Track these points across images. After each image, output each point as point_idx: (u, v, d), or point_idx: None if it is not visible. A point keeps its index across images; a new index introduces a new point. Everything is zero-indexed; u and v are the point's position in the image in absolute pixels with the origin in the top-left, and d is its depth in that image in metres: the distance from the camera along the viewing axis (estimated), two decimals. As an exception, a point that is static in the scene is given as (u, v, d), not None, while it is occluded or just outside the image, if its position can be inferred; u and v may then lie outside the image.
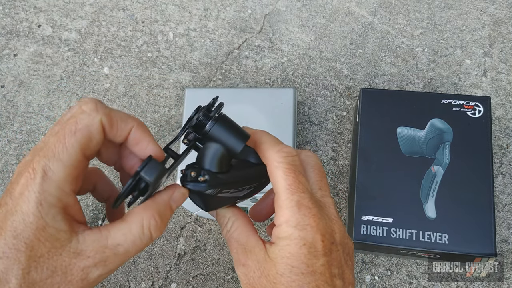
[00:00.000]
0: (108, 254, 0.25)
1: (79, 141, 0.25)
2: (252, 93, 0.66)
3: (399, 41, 0.74)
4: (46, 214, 0.24)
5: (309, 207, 0.27)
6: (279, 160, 0.28)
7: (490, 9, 0.75)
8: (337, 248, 0.28)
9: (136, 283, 0.61)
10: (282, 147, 0.29)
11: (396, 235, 0.52)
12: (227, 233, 0.31)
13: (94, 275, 0.25)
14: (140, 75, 0.74)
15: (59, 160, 0.24)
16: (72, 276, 0.24)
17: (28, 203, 0.24)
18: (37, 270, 0.24)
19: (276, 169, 0.28)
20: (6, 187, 0.26)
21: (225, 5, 0.79)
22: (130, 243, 0.26)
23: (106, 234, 0.26)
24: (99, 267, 0.25)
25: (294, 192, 0.28)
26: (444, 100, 0.58)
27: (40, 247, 0.24)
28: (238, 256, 0.30)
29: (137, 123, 0.28)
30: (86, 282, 0.25)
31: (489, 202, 0.52)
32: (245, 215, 0.32)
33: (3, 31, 0.79)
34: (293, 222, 0.27)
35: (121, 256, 0.26)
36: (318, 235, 0.27)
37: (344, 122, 0.68)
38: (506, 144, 0.65)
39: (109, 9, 0.80)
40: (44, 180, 0.24)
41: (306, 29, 0.76)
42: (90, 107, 0.26)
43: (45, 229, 0.24)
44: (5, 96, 0.74)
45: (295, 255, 0.27)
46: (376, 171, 0.55)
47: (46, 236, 0.24)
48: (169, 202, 0.29)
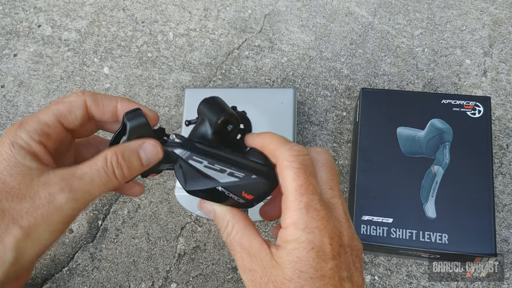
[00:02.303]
0: (74, 180, 0.28)
1: (59, 109, 0.30)
2: (252, 93, 0.66)
3: (399, 41, 0.74)
4: (17, 153, 0.28)
5: (317, 210, 0.27)
6: (290, 159, 0.28)
7: (490, 9, 0.75)
8: (345, 251, 0.28)
9: (136, 283, 0.61)
10: (292, 145, 0.29)
11: (396, 235, 0.52)
12: (228, 236, 0.30)
13: (61, 198, 0.27)
14: (140, 75, 0.74)
15: (35, 117, 0.30)
16: (39, 200, 0.27)
17: (2, 145, 0.28)
18: (7, 199, 0.27)
19: (286, 168, 0.28)
20: None
21: (225, 5, 0.79)
22: (94, 172, 0.28)
23: (74, 168, 0.29)
24: (65, 191, 0.27)
25: (304, 193, 0.27)
26: (444, 100, 0.58)
27: (11, 180, 0.27)
28: (243, 262, 0.29)
29: (121, 98, 0.32)
30: (53, 206, 0.27)
31: (489, 202, 0.52)
32: (245, 217, 0.31)
33: (3, 31, 0.79)
34: (301, 224, 0.27)
35: (86, 183, 0.28)
36: (326, 238, 0.27)
37: (344, 122, 0.68)
38: (506, 144, 0.65)
39: (109, 9, 0.80)
40: (19, 128, 0.29)
41: (306, 29, 0.76)
42: (77, 91, 0.32)
43: (16, 165, 0.28)
44: (5, 96, 0.74)
45: (303, 259, 0.26)
46: (376, 171, 0.55)
47: (17, 170, 0.27)
48: (136, 149, 0.30)
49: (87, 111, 0.31)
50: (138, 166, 0.30)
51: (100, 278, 0.61)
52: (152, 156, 0.30)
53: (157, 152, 0.30)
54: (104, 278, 0.61)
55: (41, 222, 0.27)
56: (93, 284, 0.61)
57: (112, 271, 0.62)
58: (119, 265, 0.62)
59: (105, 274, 0.62)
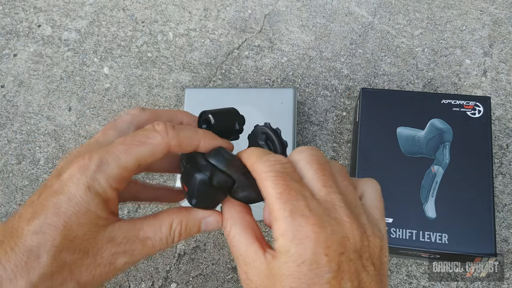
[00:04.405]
0: (137, 245, 0.27)
1: (142, 152, 0.27)
2: (252, 93, 0.66)
3: (399, 41, 0.74)
4: (92, 200, 0.25)
5: (305, 216, 0.24)
6: (267, 169, 0.26)
7: (490, 9, 0.75)
8: (349, 258, 0.24)
9: (136, 283, 0.61)
10: (269, 157, 0.27)
11: (396, 235, 0.52)
12: (227, 235, 0.29)
13: (121, 261, 0.26)
14: (140, 75, 0.74)
15: (117, 158, 0.26)
16: (101, 259, 0.26)
17: (77, 186, 0.25)
18: (69, 250, 0.24)
19: (265, 179, 0.26)
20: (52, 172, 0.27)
21: (225, 5, 0.79)
22: (158, 239, 0.27)
23: (139, 226, 0.27)
24: (127, 255, 0.26)
25: (286, 201, 0.25)
26: (444, 100, 0.58)
27: (77, 229, 0.25)
28: (240, 268, 0.28)
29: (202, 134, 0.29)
30: (113, 267, 0.26)
31: (489, 202, 0.52)
32: (245, 218, 0.29)
33: (3, 31, 0.79)
34: (289, 235, 0.24)
35: (147, 249, 0.27)
36: (319, 248, 0.24)
37: (344, 122, 0.68)
38: (506, 144, 0.65)
39: (109, 9, 0.80)
40: (99, 169, 0.25)
41: (306, 29, 0.76)
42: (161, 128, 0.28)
43: (87, 213, 0.25)
44: (5, 96, 0.74)
45: (294, 274, 0.24)
46: (376, 171, 0.55)
47: (86, 219, 0.25)
48: (201, 220, 0.29)
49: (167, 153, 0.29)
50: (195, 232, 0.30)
51: (100, 278, 0.61)
52: (210, 227, 0.30)
53: (217, 225, 0.30)
54: (104, 278, 0.61)
55: (98, 280, 0.26)
56: (93, 284, 0.61)
57: (112, 271, 0.62)
58: (119, 265, 0.62)
59: (105, 274, 0.62)
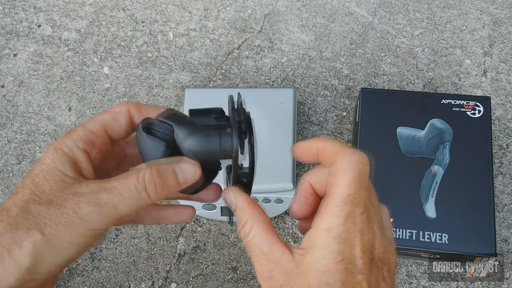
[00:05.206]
0: (103, 194, 0.27)
1: (104, 117, 0.31)
2: (252, 93, 0.66)
3: (399, 41, 0.74)
4: (58, 159, 0.28)
5: (355, 223, 0.26)
6: (351, 165, 0.26)
7: (490, 9, 0.75)
8: (376, 265, 0.26)
9: (136, 283, 0.61)
10: (356, 151, 0.27)
11: (396, 235, 0.52)
12: (245, 236, 0.29)
13: (86, 210, 0.26)
14: (140, 75, 0.74)
15: (82, 125, 0.30)
16: (65, 208, 0.26)
17: (47, 150, 0.29)
18: (35, 203, 0.26)
19: (343, 172, 0.26)
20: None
21: (225, 5, 0.79)
22: (124, 187, 0.27)
23: (105, 181, 0.28)
24: (91, 204, 0.26)
25: (349, 203, 0.26)
26: (444, 100, 0.58)
27: (44, 184, 0.27)
28: (261, 268, 0.27)
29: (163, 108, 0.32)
30: (77, 217, 0.26)
31: (489, 202, 0.52)
32: (266, 218, 0.29)
33: (3, 31, 0.80)
34: (335, 232, 0.25)
35: (113, 197, 0.27)
36: (358, 251, 0.25)
37: (344, 122, 0.68)
38: (506, 144, 0.65)
39: (109, 9, 0.80)
40: (66, 135, 0.29)
41: (306, 29, 0.76)
42: (122, 102, 0.32)
43: (53, 170, 0.28)
44: (5, 96, 0.74)
45: (331, 270, 0.25)
46: (376, 171, 0.55)
47: (52, 175, 0.27)
48: (173, 166, 0.29)
49: (131, 120, 0.32)
50: (173, 184, 0.29)
51: (100, 278, 0.61)
52: (189, 176, 0.29)
53: (194, 171, 0.29)
54: (104, 278, 0.61)
55: (63, 230, 0.26)
56: (93, 284, 0.61)
57: (112, 271, 0.62)
58: (119, 265, 0.62)
59: (105, 274, 0.62)
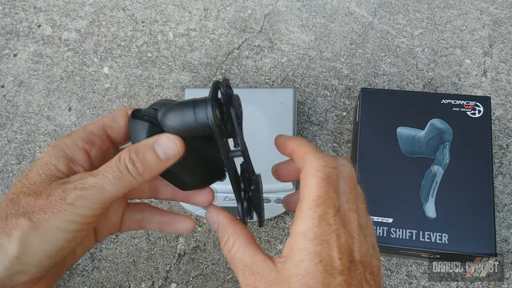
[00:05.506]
0: (88, 178, 0.28)
1: (104, 120, 0.32)
2: (252, 93, 0.66)
3: (399, 41, 0.74)
4: (53, 154, 0.29)
5: (329, 224, 0.26)
6: (318, 168, 0.27)
7: (490, 9, 0.75)
8: (356, 267, 0.27)
9: (136, 283, 0.61)
10: (323, 155, 0.28)
11: (396, 235, 0.52)
12: (228, 251, 0.30)
13: (72, 195, 0.27)
14: (140, 75, 0.74)
15: (84, 127, 0.31)
16: (53, 197, 0.27)
17: (46, 148, 0.30)
18: (24, 194, 0.27)
19: (311, 176, 0.27)
20: None
21: (225, 5, 0.79)
22: (108, 168, 0.28)
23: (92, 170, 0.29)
24: (77, 189, 0.27)
25: (320, 205, 0.26)
26: (444, 100, 0.58)
27: (35, 177, 0.28)
28: (245, 280, 0.28)
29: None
30: (65, 203, 0.27)
31: (489, 202, 0.52)
32: (248, 233, 0.30)
33: (3, 31, 0.80)
34: (311, 235, 0.26)
35: (98, 179, 0.28)
36: (335, 252, 0.26)
37: (344, 122, 0.68)
38: (506, 144, 0.65)
39: (109, 9, 0.80)
40: (67, 136, 0.30)
41: (306, 29, 0.76)
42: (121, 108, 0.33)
43: (47, 165, 0.29)
44: (5, 96, 0.74)
45: (311, 272, 0.26)
46: (376, 171, 0.55)
47: (44, 169, 0.29)
48: (151, 144, 0.29)
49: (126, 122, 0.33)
50: (154, 161, 0.29)
51: (100, 278, 0.61)
52: (169, 150, 0.29)
53: (174, 144, 0.29)
54: (104, 278, 0.61)
55: (51, 217, 0.26)
56: (93, 284, 0.61)
57: (112, 271, 0.62)
58: (119, 265, 0.62)
59: (105, 274, 0.62)
